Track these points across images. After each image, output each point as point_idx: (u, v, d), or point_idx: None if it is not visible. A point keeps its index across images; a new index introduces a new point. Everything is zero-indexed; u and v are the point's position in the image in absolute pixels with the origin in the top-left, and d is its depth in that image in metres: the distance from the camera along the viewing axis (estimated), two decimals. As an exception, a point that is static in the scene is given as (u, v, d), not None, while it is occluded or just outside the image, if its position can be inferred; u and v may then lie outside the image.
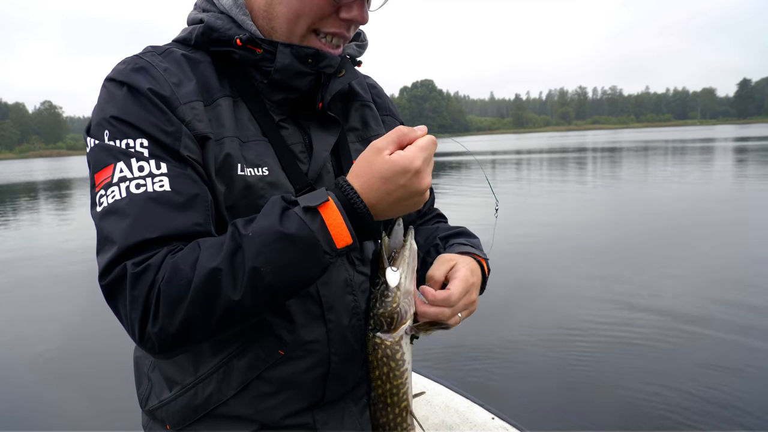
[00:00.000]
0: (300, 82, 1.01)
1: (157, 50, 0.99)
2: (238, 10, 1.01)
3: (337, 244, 0.84)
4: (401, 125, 0.91)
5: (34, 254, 9.35)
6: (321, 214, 0.83)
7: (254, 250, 0.81)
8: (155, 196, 0.85)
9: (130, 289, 0.81)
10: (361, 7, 0.99)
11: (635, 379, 3.86)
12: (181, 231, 0.85)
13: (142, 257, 0.82)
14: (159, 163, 0.87)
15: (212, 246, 0.83)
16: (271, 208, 0.85)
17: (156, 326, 0.80)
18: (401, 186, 0.85)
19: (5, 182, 31.55)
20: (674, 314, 5.01)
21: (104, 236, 0.84)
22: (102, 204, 0.86)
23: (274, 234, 0.81)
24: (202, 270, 0.80)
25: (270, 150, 0.99)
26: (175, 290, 0.80)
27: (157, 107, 0.90)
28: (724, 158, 23.70)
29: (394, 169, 0.85)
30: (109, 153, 0.87)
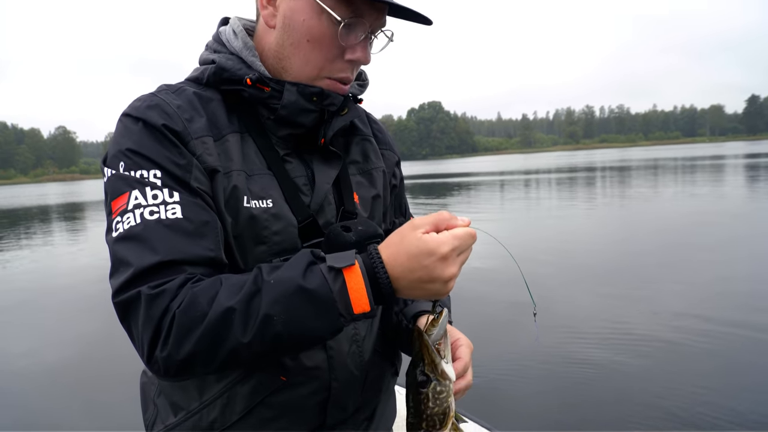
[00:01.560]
0: (305, 119, 1.05)
1: (170, 88, 1.05)
2: (248, 51, 1.07)
3: (354, 309, 0.85)
4: (443, 211, 0.91)
5: (47, 274, 9.47)
6: (344, 276, 0.85)
7: (272, 297, 0.83)
8: (168, 223, 0.89)
9: (145, 310, 0.84)
10: (365, 49, 1.03)
11: (641, 399, 3.84)
12: (193, 256, 0.89)
13: (157, 281, 0.85)
14: (172, 192, 0.91)
15: (233, 285, 0.85)
16: (297, 261, 0.87)
17: (164, 351, 0.83)
18: (424, 267, 0.85)
19: (20, 206, 31.99)
20: (688, 329, 4.99)
21: (119, 259, 0.88)
22: (118, 230, 0.89)
23: (295, 286, 0.83)
24: (218, 307, 0.82)
25: (274, 183, 1.03)
26: (189, 320, 0.82)
27: (170, 141, 0.95)
28: (736, 174, 23.57)
29: (420, 247, 0.85)
30: (125, 182, 0.92)
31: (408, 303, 1.22)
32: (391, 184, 1.31)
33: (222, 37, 1.11)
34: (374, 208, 1.21)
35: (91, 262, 10.42)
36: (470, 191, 23.28)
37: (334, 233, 1.03)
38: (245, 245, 0.99)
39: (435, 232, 0.88)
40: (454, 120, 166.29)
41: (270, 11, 1.05)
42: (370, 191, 1.20)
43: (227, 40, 1.10)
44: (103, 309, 6.98)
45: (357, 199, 1.17)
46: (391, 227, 1.31)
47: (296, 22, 1.01)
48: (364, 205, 1.18)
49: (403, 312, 1.21)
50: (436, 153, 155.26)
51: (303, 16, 1.00)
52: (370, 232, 1.05)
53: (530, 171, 38.72)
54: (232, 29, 1.10)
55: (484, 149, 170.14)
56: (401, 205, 1.38)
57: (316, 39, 1.01)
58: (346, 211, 1.12)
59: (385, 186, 1.27)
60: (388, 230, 1.27)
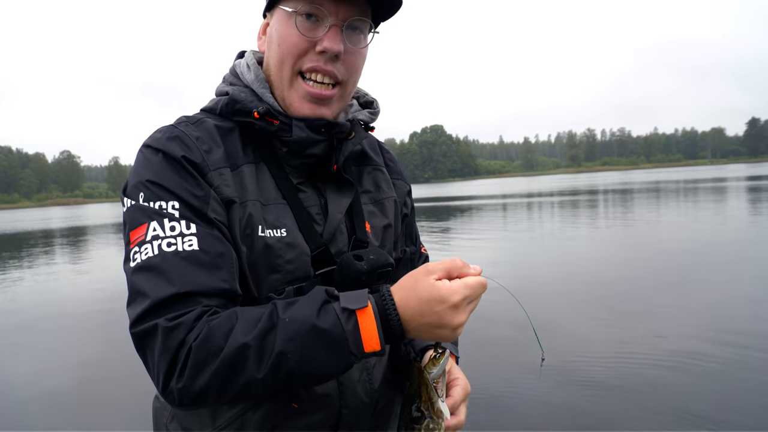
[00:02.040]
0: (315, 149, 1.09)
1: (190, 120, 1.08)
2: (259, 84, 1.11)
3: (365, 348, 0.87)
4: (456, 258, 0.92)
5: (50, 298, 9.44)
6: (357, 317, 0.87)
7: (286, 335, 0.85)
8: (185, 255, 0.91)
9: (162, 341, 0.86)
10: (332, 38, 1.04)
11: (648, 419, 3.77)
12: (208, 288, 0.91)
13: (174, 313, 0.87)
14: (189, 224, 0.94)
15: (249, 320, 0.87)
16: (312, 299, 0.89)
17: (180, 383, 0.85)
18: (435, 313, 0.87)
19: (23, 230, 32.07)
20: (689, 351, 4.93)
21: (136, 289, 0.90)
22: (136, 260, 0.92)
23: (309, 325, 0.85)
24: (234, 342, 0.84)
25: (289, 212, 1.06)
26: (204, 354, 0.84)
27: (189, 173, 0.97)
28: (739, 197, 23.55)
29: (432, 294, 0.87)
30: (144, 213, 0.94)
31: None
32: (402, 213, 1.33)
33: (237, 70, 1.16)
34: (385, 237, 1.23)
35: (94, 286, 10.39)
36: (473, 214, 23.28)
37: (346, 262, 1.05)
38: (259, 273, 1.02)
39: (447, 279, 0.89)
40: (456, 143, 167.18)
41: (263, 40, 1.15)
42: (381, 220, 1.23)
43: (241, 72, 1.14)
44: (105, 333, 6.95)
45: (369, 228, 1.19)
46: (402, 255, 1.33)
47: (272, 36, 1.09)
48: (375, 234, 1.21)
49: (412, 344, 1.24)
50: (438, 176, 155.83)
51: (276, 27, 1.08)
52: (381, 262, 1.08)
53: (533, 194, 38.78)
54: (246, 63, 1.15)
55: (486, 172, 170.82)
56: (412, 234, 1.40)
57: (284, 39, 1.05)
58: (358, 240, 1.14)
59: (397, 215, 1.29)
60: (399, 259, 1.32)
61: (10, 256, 17.68)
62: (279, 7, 1.07)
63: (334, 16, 1.04)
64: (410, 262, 1.37)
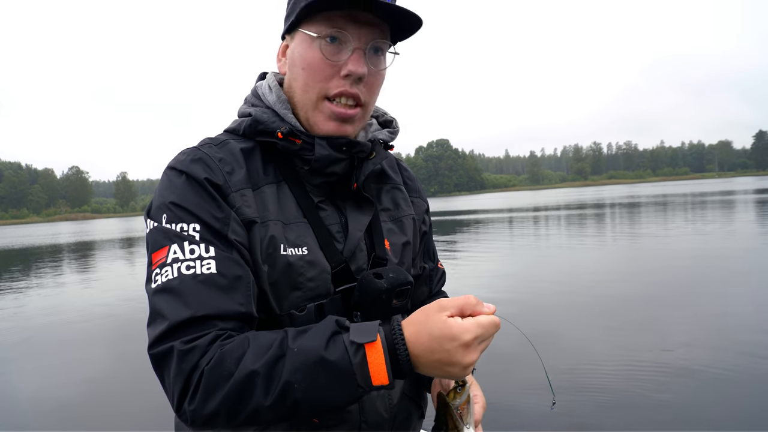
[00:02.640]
0: (336, 167, 1.11)
1: (213, 141, 1.12)
2: (281, 105, 1.13)
3: (373, 381, 0.87)
4: (470, 296, 0.92)
5: (58, 312, 9.47)
6: (365, 350, 0.87)
7: (294, 365, 0.86)
8: (203, 279, 0.94)
9: (177, 363, 0.89)
10: (356, 61, 1.06)
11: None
12: (224, 312, 0.93)
13: (190, 336, 0.90)
14: (208, 247, 0.96)
15: (260, 347, 0.89)
16: (322, 330, 0.90)
17: (192, 405, 0.88)
18: (445, 350, 0.86)
19: (31, 245, 32.27)
20: (692, 367, 4.88)
21: (156, 311, 0.94)
22: (156, 281, 0.95)
23: (316, 357, 0.86)
24: (243, 369, 0.86)
25: (309, 230, 1.08)
26: (215, 379, 0.87)
27: (210, 195, 1.00)
28: (747, 209, 23.40)
29: (444, 331, 0.86)
30: (165, 235, 0.98)
31: None
32: (421, 231, 1.36)
33: (259, 92, 1.18)
34: (404, 254, 1.25)
35: (101, 301, 10.43)
36: (479, 228, 23.26)
37: (366, 280, 1.07)
38: (281, 291, 1.04)
39: (460, 317, 0.88)
40: (462, 157, 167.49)
41: (283, 62, 1.16)
42: (400, 238, 1.25)
43: (263, 94, 1.17)
44: (112, 347, 6.97)
45: (388, 246, 1.21)
46: (421, 272, 1.36)
47: (295, 59, 1.10)
48: (394, 252, 1.22)
49: None
50: (444, 190, 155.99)
51: (298, 50, 1.09)
52: (401, 280, 1.10)
53: (539, 207, 38.72)
54: (267, 84, 1.17)
55: (492, 186, 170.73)
56: (429, 250, 1.43)
57: (309, 63, 1.07)
58: (378, 258, 1.16)
59: (415, 233, 1.31)
60: (418, 275, 1.36)
61: (18, 270, 17.79)
62: (300, 31, 1.08)
63: (356, 39, 1.05)
64: (428, 279, 1.39)
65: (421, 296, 1.38)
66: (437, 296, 1.43)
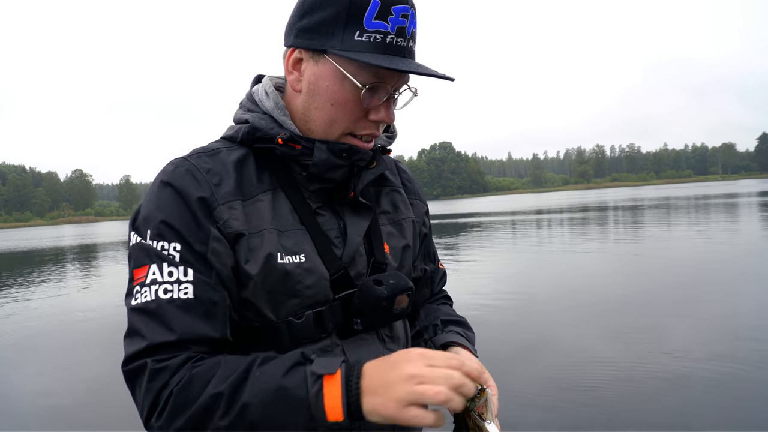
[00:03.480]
0: (335, 174, 1.10)
1: (204, 151, 1.10)
2: (279, 111, 1.11)
3: (328, 416, 0.85)
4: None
5: (61, 313, 9.51)
6: (323, 382, 0.86)
7: (254, 389, 0.88)
8: (179, 303, 0.96)
9: (147, 381, 0.92)
10: (388, 109, 1.07)
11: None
12: (198, 336, 0.96)
13: (162, 356, 0.93)
14: (186, 270, 0.98)
15: (227, 370, 0.91)
16: (286, 359, 0.92)
17: (158, 422, 0.91)
18: (388, 377, 0.85)
19: (35, 247, 32.37)
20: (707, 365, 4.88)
21: (134, 329, 0.96)
22: (136, 299, 0.97)
23: (275, 383, 0.87)
24: (210, 390, 0.89)
25: (307, 237, 1.08)
26: (182, 400, 0.89)
27: (192, 212, 1.00)
28: (751, 213, 23.34)
29: (396, 364, 0.86)
30: (147, 253, 0.99)
31: (438, 332, 1.26)
32: (422, 234, 1.35)
33: (255, 97, 1.16)
34: (404, 257, 1.24)
35: (105, 302, 10.47)
36: (481, 231, 23.25)
37: (366, 287, 1.07)
38: (278, 299, 1.04)
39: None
40: (464, 160, 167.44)
41: (295, 77, 1.09)
42: (400, 241, 1.24)
43: (260, 99, 1.15)
44: (114, 350, 6.97)
45: (387, 249, 1.20)
46: (421, 275, 1.36)
47: (320, 88, 1.06)
48: (394, 255, 1.21)
49: (432, 340, 1.25)
50: (447, 193, 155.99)
51: (327, 82, 1.05)
52: (401, 286, 1.09)
53: (542, 210, 38.69)
54: (264, 90, 1.15)
55: (495, 189, 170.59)
56: (430, 252, 1.42)
57: (340, 103, 1.05)
58: (377, 262, 1.16)
59: (415, 236, 1.31)
60: (419, 278, 1.35)
61: (22, 272, 17.85)
62: (328, 59, 1.04)
63: (390, 86, 1.06)
64: (430, 280, 1.39)
65: (423, 297, 1.38)
66: (439, 297, 1.44)
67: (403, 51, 1.03)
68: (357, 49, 1.00)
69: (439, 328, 1.27)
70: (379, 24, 1.00)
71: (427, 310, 1.35)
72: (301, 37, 1.06)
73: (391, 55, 1.01)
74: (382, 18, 0.99)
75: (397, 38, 1.01)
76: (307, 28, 1.05)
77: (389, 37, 1.00)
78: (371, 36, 1.00)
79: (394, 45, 1.01)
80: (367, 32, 1.00)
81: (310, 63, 1.06)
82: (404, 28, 1.02)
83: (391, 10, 1.00)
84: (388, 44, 1.01)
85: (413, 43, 1.06)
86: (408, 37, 1.03)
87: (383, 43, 1.00)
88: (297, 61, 1.09)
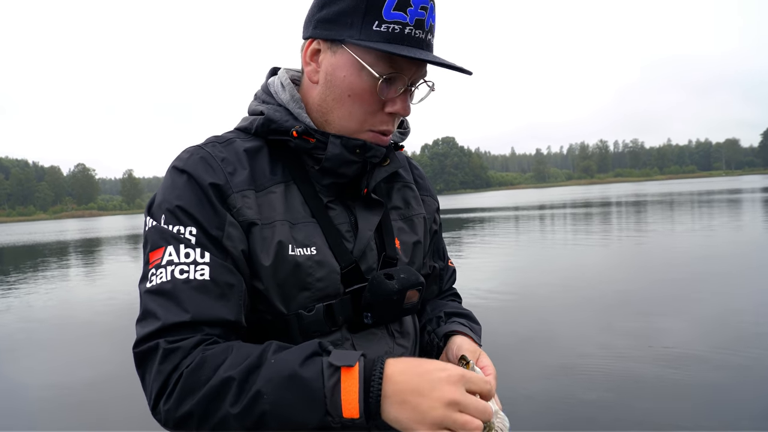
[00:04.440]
0: (348, 169, 1.09)
1: (219, 140, 1.10)
2: (295, 104, 1.11)
3: (344, 412, 0.83)
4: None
5: (64, 308, 9.54)
6: (341, 374, 0.84)
7: (267, 375, 0.85)
8: (195, 284, 0.95)
9: (159, 363, 0.90)
10: (404, 102, 1.07)
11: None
12: (213, 318, 0.95)
13: (175, 337, 0.92)
14: (203, 252, 0.97)
15: (240, 355, 0.89)
16: (303, 348, 0.90)
17: (167, 405, 0.89)
18: (421, 392, 0.83)
19: (38, 241, 32.45)
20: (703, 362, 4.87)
21: (147, 311, 0.95)
22: (151, 281, 0.96)
23: (291, 371, 0.85)
24: (220, 374, 0.87)
25: (318, 230, 1.07)
26: (192, 382, 0.87)
27: (209, 198, 1.00)
28: (754, 208, 23.25)
29: (432, 375, 0.84)
30: (162, 236, 0.98)
31: (441, 324, 1.26)
32: (431, 230, 1.35)
33: (270, 89, 1.16)
34: (415, 253, 1.24)
35: (109, 297, 10.50)
36: (484, 225, 23.23)
37: (377, 281, 1.07)
38: (289, 291, 1.03)
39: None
40: (467, 155, 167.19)
41: (313, 68, 1.09)
42: (411, 237, 1.24)
43: (275, 92, 1.14)
44: (114, 345, 6.99)
45: (398, 245, 1.19)
46: (431, 272, 1.36)
47: (337, 79, 1.05)
48: (405, 251, 1.21)
49: (435, 332, 1.24)
50: (450, 188, 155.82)
51: (344, 73, 1.04)
52: (412, 281, 1.10)
53: (544, 205, 38.63)
54: (280, 82, 1.15)
55: (498, 184, 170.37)
56: (439, 249, 1.42)
57: (357, 94, 1.04)
58: (388, 257, 1.15)
59: (426, 232, 1.30)
60: (428, 275, 1.35)
61: (26, 266, 17.90)
62: (346, 49, 1.03)
63: (408, 78, 1.05)
64: (439, 277, 1.39)
65: (431, 295, 1.38)
66: (447, 294, 1.43)
67: (422, 43, 1.02)
68: (375, 39, 0.99)
69: (442, 320, 1.27)
70: (398, 15, 0.99)
71: (433, 305, 1.35)
72: (320, 28, 1.05)
73: (409, 47, 1.01)
74: (401, 9, 0.99)
75: (415, 30, 1.01)
76: (326, 18, 1.04)
77: (408, 28, 1.00)
78: (390, 27, 0.99)
79: (412, 36, 1.00)
80: (385, 23, 0.99)
81: (327, 54, 1.06)
82: (423, 20, 1.01)
83: (410, 1, 0.99)
84: (406, 35, 1.00)
85: (432, 36, 1.05)
86: (426, 30, 1.02)
87: (401, 34, 1.00)
88: (315, 52, 1.08)
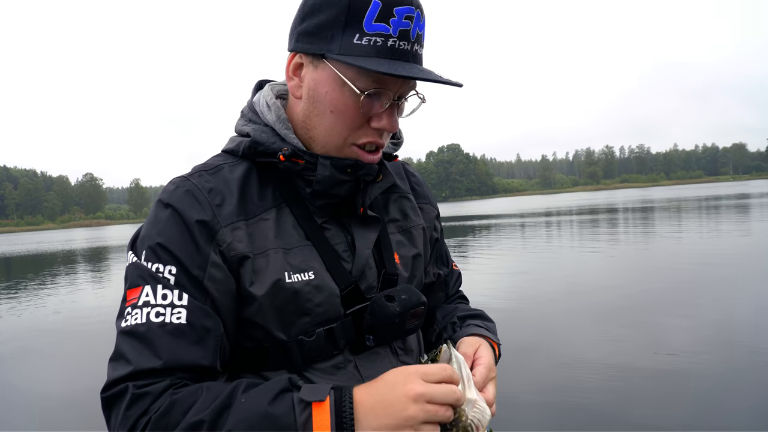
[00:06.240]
0: (340, 189, 1.06)
1: (205, 169, 1.06)
2: (282, 125, 1.07)
3: None
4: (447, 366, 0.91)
5: (72, 317, 9.59)
6: (312, 409, 0.83)
7: (238, 416, 0.83)
8: (171, 328, 0.91)
9: (126, 408, 0.87)
10: (390, 116, 1.02)
11: None
12: (186, 364, 0.91)
13: (144, 382, 0.88)
14: (182, 294, 0.94)
15: (209, 396, 0.87)
16: (272, 385, 0.88)
17: None
18: (388, 399, 0.84)
19: (46, 251, 32.65)
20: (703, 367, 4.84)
21: (120, 352, 0.92)
22: (126, 321, 0.93)
23: (262, 410, 0.83)
24: (190, 418, 0.84)
25: (314, 253, 1.04)
26: (162, 427, 0.85)
27: (192, 235, 0.96)
28: (762, 213, 23.11)
29: (396, 386, 0.85)
30: (141, 274, 0.95)
31: (456, 329, 1.22)
32: (433, 239, 1.32)
33: (256, 107, 1.12)
34: (415, 266, 1.21)
35: (115, 305, 10.52)
36: (490, 232, 23.20)
37: (377, 304, 1.03)
38: (288, 318, 1.00)
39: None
40: (473, 162, 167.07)
41: (296, 83, 1.05)
42: (410, 250, 1.21)
43: (260, 111, 1.10)
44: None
45: (398, 259, 1.16)
46: (434, 279, 1.32)
47: (320, 94, 1.01)
48: (405, 265, 1.17)
49: (452, 338, 1.20)
50: (455, 195, 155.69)
51: (326, 88, 1.00)
52: (413, 301, 1.06)
53: (551, 212, 38.53)
54: (265, 101, 1.10)
55: (503, 191, 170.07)
56: (443, 256, 1.39)
57: (340, 110, 1.00)
58: (388, 274, 1.12)
59: (426, 243, 1.27)
60: (432, 283, 1.30)
61: (34, 275, 18.01)
62: (327, 64, 0.99)
63: (393, 93, 1.00)
64: (444, 284, 1.36)
65: (439, 301, 1.35)
66: (455, 298, 1.41)
67: (407, 55, 0.97)
68: (356, 53, 0.95)
69: (457, 325, 1.23)
70: (381, 26, 0.94)
71: (444, 311, 1.32)
72: (302, 41, 1.01)
73: (393, 60, 0.96)
74: (384, 20, 0.94)
75: (400, 41, 0.95)
76: (307, 31, 1.00)
77: (391, 40, 0.95)
78: (372, 39, 0.94)
79: (396, 49, 0.95)
80: (367, 35, 0.94)
81: (310, 68, 1.02)
82: (408, 30, 0.96)
83: (393, 11, 0.94)
84: (389, 48, 0.95)
85: (419, 46, 1.00)
86: (412, 41, 0.97)
87: (384, 47, 0.95)
88: (297, 66, 1.04)
